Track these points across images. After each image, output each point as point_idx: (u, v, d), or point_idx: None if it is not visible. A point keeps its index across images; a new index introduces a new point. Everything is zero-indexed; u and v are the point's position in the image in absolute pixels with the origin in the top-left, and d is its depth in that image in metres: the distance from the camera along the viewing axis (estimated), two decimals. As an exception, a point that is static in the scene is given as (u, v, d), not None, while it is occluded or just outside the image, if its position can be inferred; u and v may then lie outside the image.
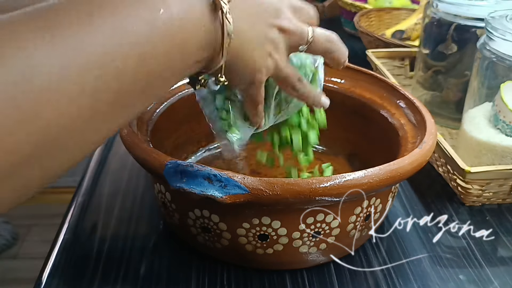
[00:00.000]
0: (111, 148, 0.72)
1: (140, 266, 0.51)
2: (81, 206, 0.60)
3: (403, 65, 0.91)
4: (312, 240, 0.47)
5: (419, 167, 0.46)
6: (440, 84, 0.80)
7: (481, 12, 0.71)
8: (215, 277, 0.50)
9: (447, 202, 0.62)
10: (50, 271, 0.50)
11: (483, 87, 0.66)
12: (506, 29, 0.61)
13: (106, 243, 0.54)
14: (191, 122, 0.64)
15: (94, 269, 0.51)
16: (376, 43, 1.00)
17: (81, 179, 0.65)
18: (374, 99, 0.61)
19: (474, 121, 0.66)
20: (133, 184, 0.64)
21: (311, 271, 0.51)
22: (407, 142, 0.53)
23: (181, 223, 0.50)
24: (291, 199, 0.41)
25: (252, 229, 0.45)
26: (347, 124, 0.64)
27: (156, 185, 0.52)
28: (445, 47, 0.76)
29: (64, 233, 0.55)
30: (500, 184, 0.59)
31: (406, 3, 1.27)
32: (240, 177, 0.41)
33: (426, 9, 0.79)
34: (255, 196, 0.41)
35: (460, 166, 0.57)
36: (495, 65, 0.64)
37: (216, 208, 0.45)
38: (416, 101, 0.56)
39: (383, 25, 1.18)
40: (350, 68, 0.64)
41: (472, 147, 0.64)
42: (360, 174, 0.42)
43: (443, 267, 0.52)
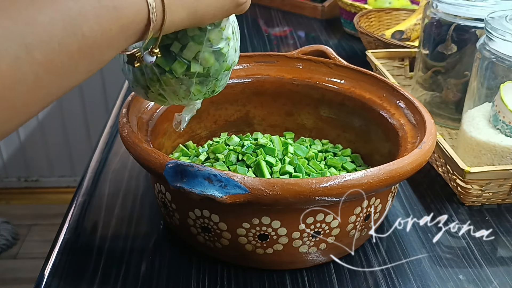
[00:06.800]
0: (112, 148, 0.72)
1: (140, 266, 0.51)
2: (81, 206, 0.60)
3: (403, 66, 0.92)
4: (312, 240, 0.47)
5: (419, 167, 0.46)
6: (440, 84, 0.80)
7: (480, 13, 0.71)
8: (215, 277, 0.50)
9: (446, 202, 0.62)
10: (50, 271, 0.50)
11: (483, 88, 0.67)
12: (505, 30, 0.61)
13: (107, 243, 0.54)
14: (191, 122, 0.64)
15: (95, 269, 0.51)
16: (376, 44, 1.00)
17: (81, 179, 0.65)
18: (374, 99, 0.61)
19: (474, 121, 0.66)
20: (133, 184, 0.64)
21: (311, 271, 0.51)
22: (407, 142, 0.53)
23: (181, 223, 0.50)
24: (291, 199, 0.41)
25: (252, 229, 0.46)
26: (347, 124, 0.65)
27: (156, 185, 0.52)
28: (444, 47, 0.76)
29: (64, 233, 0.55)
30: (500, 184, 0.59)
31: (405, 4, 1.27)
32: (240, 177, 0.41)
33: (426, 9, 0.79)
34: (255, 196, 0.41)
35: (459, 166, 0.58)
36: (495, 65, 0.64)
37: (216, 208, 0.46)
38: (415, 102, 0.56)
39: (382, 25, 1.18)
40: (350, 69, 0.64)
41: (472, 147, 0.64)
42: (360, 174, 0.42)
43: (443, 267, 0.52)
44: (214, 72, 0.44)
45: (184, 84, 0.44)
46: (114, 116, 0.81)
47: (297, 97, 0.66)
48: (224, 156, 0.58)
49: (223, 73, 0.45)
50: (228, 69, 0.45)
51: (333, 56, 0.66)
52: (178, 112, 0.51)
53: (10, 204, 1.92)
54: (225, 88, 0.55)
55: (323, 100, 0.65)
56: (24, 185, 1.96)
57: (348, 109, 0.63)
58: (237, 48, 0.46)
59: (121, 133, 0.50)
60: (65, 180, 1.96)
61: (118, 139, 0.73)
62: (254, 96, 0.66)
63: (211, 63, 0.43)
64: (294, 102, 0.66)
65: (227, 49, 0.44)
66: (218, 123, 0.67)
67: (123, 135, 0.49)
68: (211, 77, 0.44)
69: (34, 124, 1.84)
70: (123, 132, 0.49)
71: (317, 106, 0.66)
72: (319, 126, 0.67)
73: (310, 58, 0.66)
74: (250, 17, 1.37)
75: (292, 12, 1.42)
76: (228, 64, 0.45)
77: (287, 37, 1.26)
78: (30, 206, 1.89)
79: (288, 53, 0.67)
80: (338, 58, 0.65)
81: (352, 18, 1.17)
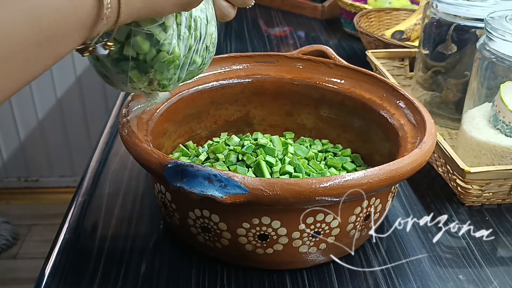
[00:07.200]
0: (112, 148, 0.72)
1: (140, 266, 0.51)
2: (81, 206, 0.60)
3: (403, 66, 0.92)
4: (312, 240, 0.47)
5: (419, 167, 0.46)
6: (440, 84, 0.80)
7: (480, 13, 0.71)
8: (215, 277, 0.50)
9: (446, 202, 0.62)
10: (50, 271, 0.50)
11: (483, 88, 0.67)
12: (505, 30, 0.61)
13: (107, 243, 0.54)
14: (191, 122, 0.64)
15: (95, 269, 0.51)
16: (376, 44, 1.00)
17: (81, 179, 0.65)
18: (374, 99, 0.61)
19: (474, 121, 0.66)
20: (133, 184, 0.64)
21: (311, 271, 0.51)
22: (407, 142, 0.53)
23: (181, 223, 0.50)
24: (291, 199, 0.41)
25: (252, 229, 0.46)
26: (347, 124, 0.65)
27: (156, 185, 0.52)
28: (444, 47, 0.76)
29: (64, 233, 0.55)
30: (500, 184, 0.59)
31: (405, 4, 1.27)
32: (240, 177, 0.41)
33: (426, 9, 0.79)
34: (255, 196, 0.41)
35: (459, 166, 0.58)
36: (495, 65, 0.64)
37: (216, 208, 0.46)
38: (415, 102, 0.56)
39: (382, 25, 1.18)
40: (350, 69, 0.64)
41: (472, 147, 0.64)
42: (360, 174, 0.42)
43: (443, 267, 0.52)
44: (150, 60, 0.43)
45: (121, 67, 0.44)
46: (114, 116, 0.81)
47: (297, 97, 0.66)
48: (224, 156, 0.58)
49: (164, 64, 0.44)
50: (171, 61, 0.44)
51: (333, 56, 0.66)
52: None
53: (10, 204, 1.92)
54: (225, 88, 0.55)
55: (323, 100, 0.65)
56: (24, 185, 1.96)
57: (348, 109, 0.63)
58: (197, 48, 0.45)
59: (121, 133, 0.50)
60: (65, 180, 1.96)
61: (118, 139, 0.73)
62: (254, 96, 0.66)
63: (145, 49, 0.42)
64: (294, 102, 0.66)
65: (164, 37, 0.43)
66: (218, 123, 0.67)
67: (123, 135, 0.49)
68: (147, 64, 0.44)
69: (34, 124, 1.84)
70: (123, 132, 0.49)
71: (317, 106, 0.66)
72: (319, 126, 0.67)
73: (310, 58, 0.66)
74: (250, 17, 1.37)
75: (292, 12, 1.42)
76: (168, 55, 0.43)
77: (287, 37, 1.26)
78: (30, 206, 1.89)
79: (288, 53, 0.67)
80: (338, 58, 0.65)
81: (352, 18, 1.17)
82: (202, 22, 0.45)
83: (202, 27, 0.45)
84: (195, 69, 0.48)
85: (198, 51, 0.46)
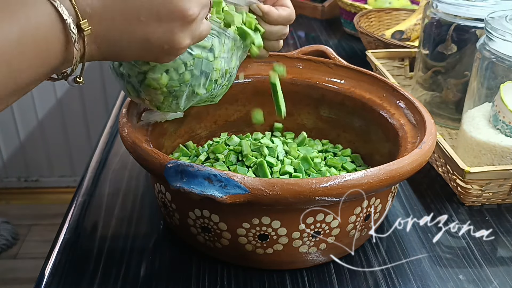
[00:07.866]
0: (112, 148, 0.72)
1: (140, 266, 0.51)
2: (81, 206, 0.60)
3: (403, 66, 0.92)
4: (312, 240, 0.47)
5: (419, 167, 0.46)
6: (440, 84, 0.80)
7: (480, 13, 0.71)
8: (215, 277, 0.50)
9: (446, 202, 0.62)
10: (50, 271, 0.50)
11: (483, 88, 0.67)
12: (505, 30, 0.61)
13: (107, 243, 0.54)
14: (191, 122, 0.64)
15: (95, 269, 0.51)
16: (376, 44, 1.00)
17: (81, 179, 0.65)
18: (374, 100, 0.61)
19: (474, 121, 0.66)
20: (133, 184, 0.64)
21: (311, 271, 0.51)
22: (407, 142, 0.53)
23: (181, 223, 0.50)
24: (291, 199, 0.41)
25: (252, 229, 0.46)
26: (347, 124, 0.65)
27: (156, 185, 0.52)
28: (444, 47, 0.76)
29: (64, 233, 0.55)
30: (500, 184, 0.59)
31: (405, 4, 1.27)
32: (240, 177, 0.41)
33: (426, 9, 0.79)
34: (255, 196, 0.41)
35: (459, 166, 0.58)
36: (495, 65, 0.64)
37: (216, 208, 0.46)
38: (415, 102, 0.56)
39: (382, 25, 1.18)
40: (350, 69, 0.64)
41: (472, 147, 0.64)
42: (360, 174, 0.42)
43: (443, 267, 0.52)
44: (137, 83, 0.47)
45: (122, 79, 0.48)
46: (114, 116, 0.81)
47: (297, 97, 0.66)
48: (224, 156, 0.58)
49: (151, 90, 0.46)
50: (157, 88, 0.46)
51: (333, 56, 0.66)
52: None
53: (10, 204, 1.92)
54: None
55: (323, 100, 0.65)
56: (24, 185, 1.96)
57: (348, 109, 0.63)
58: (196, 83, 0.47)
59: (121, 133, 0.50)
60: (65, 180, 1.96)
61: (118, 139, 0.73)
62: (254, 96, 0.66)
63: (132, 73, 0.46)
64: (294, 102, 0.66)
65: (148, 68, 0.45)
66: (218, 123, 0.67)
67: (123, 135, 0.49)
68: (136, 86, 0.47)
69: (34, 124, 1.84)
70: (123, 132, 0.49)
71: (317, 106, 0.66)
72: (319, 126, 0.67)
73: (310, 58, 0.66)
74: (250, 17, 1.37)
75: (292, 12, 1.42)
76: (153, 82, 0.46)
77: (287, 37, 1.26)
78: (30, 206, 1.89)
79: (288, 53, 0.67)
80: (338, 58, 0.65)
81: (352, 18, 1.17)
82: (202, 61, 0.46)
83: (203, 65, 0.47)
84: (202, 99, 0.50)
85: (200, 85, 0.47)
